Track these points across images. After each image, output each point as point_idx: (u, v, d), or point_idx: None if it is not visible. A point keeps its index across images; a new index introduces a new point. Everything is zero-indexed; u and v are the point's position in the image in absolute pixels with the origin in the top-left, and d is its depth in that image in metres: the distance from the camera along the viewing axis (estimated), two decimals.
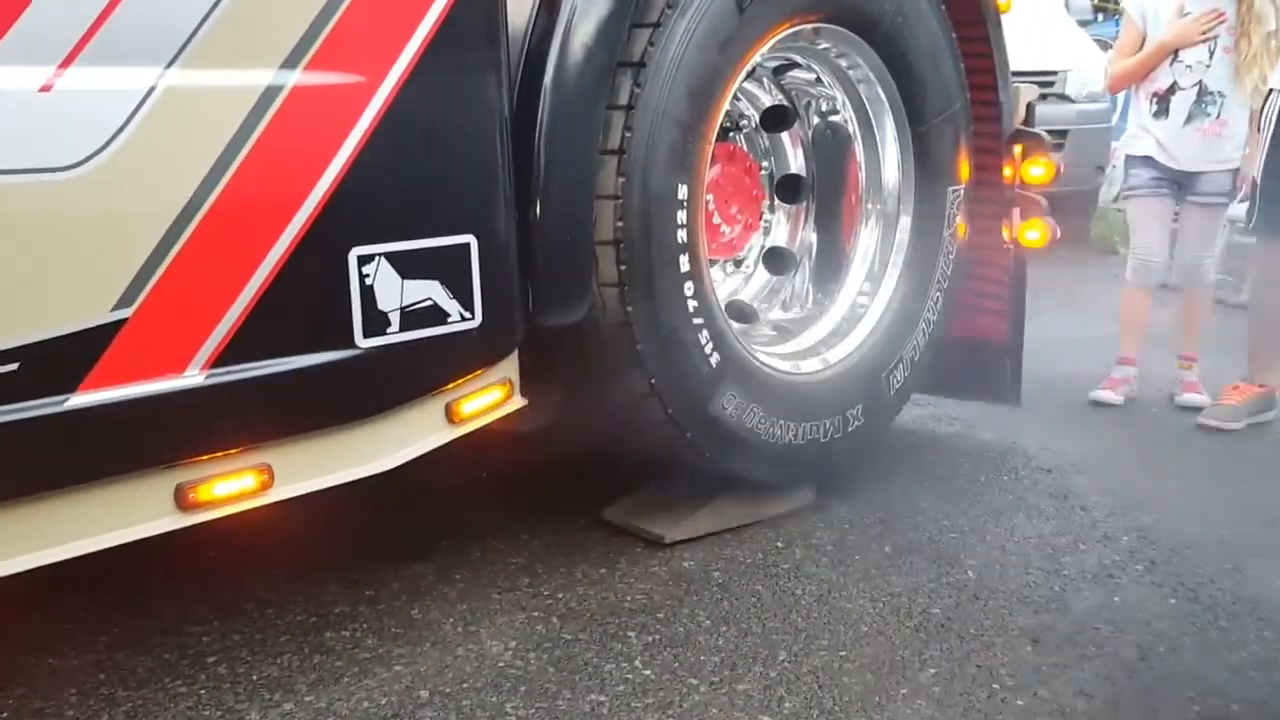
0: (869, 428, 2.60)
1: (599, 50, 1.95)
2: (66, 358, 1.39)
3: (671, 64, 2.06)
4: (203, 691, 1.73)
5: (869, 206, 2.67)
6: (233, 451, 1.58)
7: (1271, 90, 3.31)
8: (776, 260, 2.84)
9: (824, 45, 2.49)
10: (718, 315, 2.27)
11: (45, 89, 1.33)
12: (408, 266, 1.71)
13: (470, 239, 1.79)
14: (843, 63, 2.55)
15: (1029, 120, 3.03)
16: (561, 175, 1.94)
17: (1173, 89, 3.58)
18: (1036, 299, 3.13)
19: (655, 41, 2.05)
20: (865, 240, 2.68)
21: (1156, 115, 3.61)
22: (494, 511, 2.43)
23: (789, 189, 2.84)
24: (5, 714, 1.65)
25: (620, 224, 2.05)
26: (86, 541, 1.44)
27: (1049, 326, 3.79)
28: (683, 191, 2.13)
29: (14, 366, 1.34)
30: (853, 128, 2.65)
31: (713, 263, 2.61)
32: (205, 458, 1.54)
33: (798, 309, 2.73)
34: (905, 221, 2.66)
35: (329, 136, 1.59)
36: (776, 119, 2.76)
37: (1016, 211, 2.95)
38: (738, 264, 2.85)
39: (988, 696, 1.75)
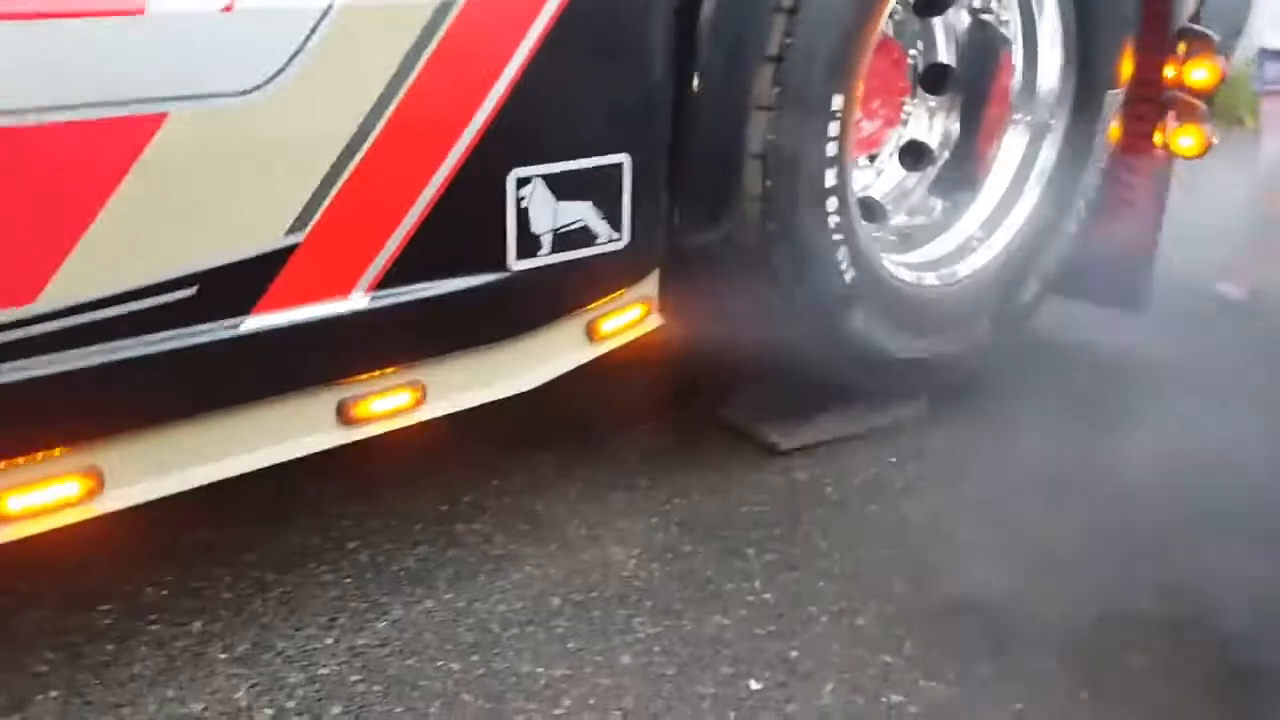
0: (995, 340, 2.56)
1: None
2: (242, 282, 1.40)
3: None
4: (348, 580, 1.83)
5: (1018, 115, 2.52)
6: (390, 370, 1.60)
7: None
8: (913, 154, 2.73)
9: None
10: (857, 230, 2.21)
11: (227, 8, 1.29)
12: (563, 188, 1.68)
13: (625, 158, 1.74)
14: None
15: (1199, 15, 2.81)
16: (720, 86, 1.86)
17: None
18: None
19: None
20: (1009, 148, 2.55)
21: None
22: (612, 405, 2.44)
23: (934, 79, 2.69)
24: (165, 590, 1.76)
25: (770, 137, 1.97)
26: (259, 455, 1.50)
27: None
28: (837, 102, 2.03)
29: (193, 290, 1.36)
30: (1013, 25, 2.48)
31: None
32: (365, 376, 1.57)
33: (927, 216, 2.63)
34: (1057, 130, 2.52)
35: (497, 53, 1.53)
36: (931, 2, 2.59)
37: (1172, 115, 2.77)
38: (871, 158, 2.74)
39: (1117, 649, 1.77)
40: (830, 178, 2.08)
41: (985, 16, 2.55)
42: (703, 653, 1.71)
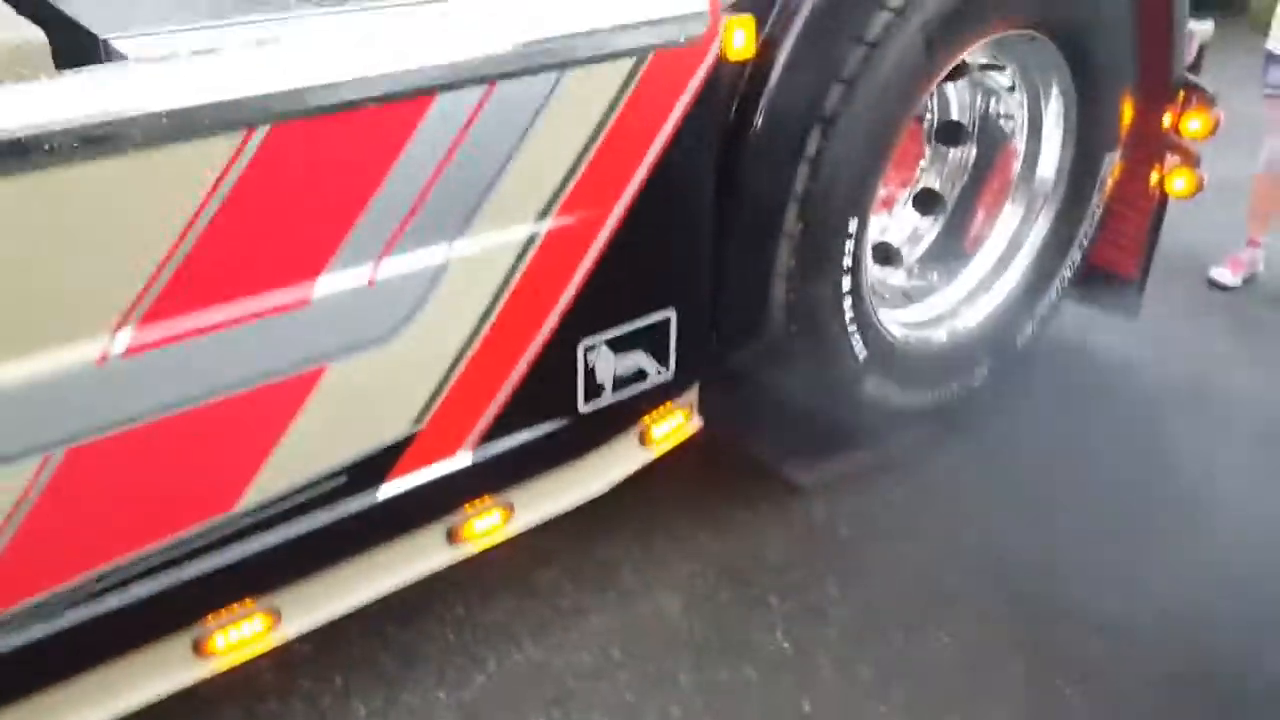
0: (995, 381, 2.92)
1: (799, 114, 2.13)
2: (378, 464, 1.80)
3: (854, 118, 2.21)
4: (450, 635, 2.28)
5: (1018, 191, 2.81)
6: (485, 500, 2.01)
7: None
8: (926, 201, 3.02)
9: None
10: (871, 316, 2.55)
11: (371, 284, 1.65)
12: (621, 345, 2.05)
13: (671, 312, 2.09)
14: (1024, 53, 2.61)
15: (1198, 64, 3.03)
16: (753, 234, 2.19)
17: None
18: None
19: (846, 97, 2.19)
20: (1008, 218, 2.84)
21: None
22: None
23: (948, 133, 2.96)
24: (310, 645, 2.22)
25: (794, 259, 2.30)
26: (392, 579, 1.93)
27: None
28: (852, 225, 2.35)
29: (345, 477, 1.77)
30: (1020, 116, 2.74)
31: None
32: (468, 509, 1.99)
33: (930, 277, 2.92)
34: (1054, 200, 2.81)
35: (570, 264, 1.87)
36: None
37: (1169, 158, 3.03)
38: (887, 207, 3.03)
39: (1058, 701, 2.21)
40: (846, 283, 2.42)
41: (993, 105, 2.80)
42: (734, 706, 2.16)
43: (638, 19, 1.78)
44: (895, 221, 3.04)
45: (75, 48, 1.57)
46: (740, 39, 1.96)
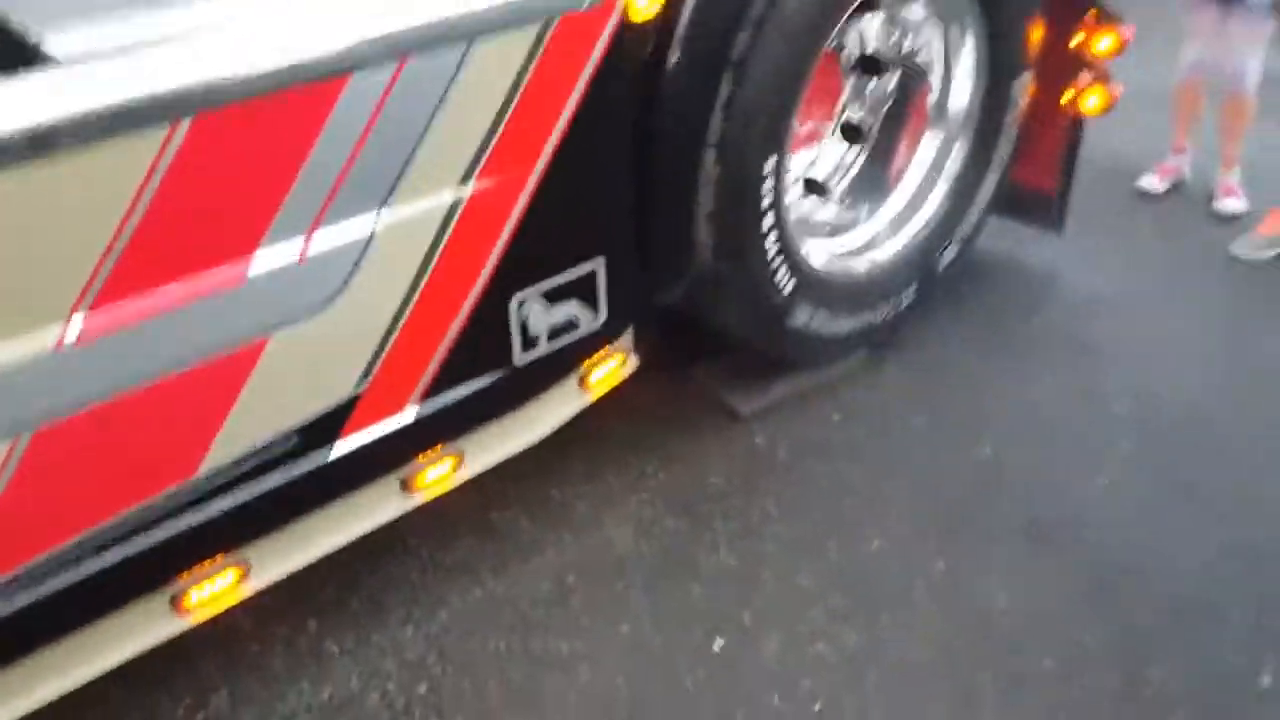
0: (920, 301, 3.07)
1: (708, 63, 2.23)
2: (330, 423, 1.94)
3: (762, 61, 2.32)
4: (414, 576, 2.44)
5: (934, 124, 2.93)
6: (435, 450, 2.15)
7: None
8: (850, 133, 3.14)
9: None
10: (794, 250, 2.68)
11: (302, 260, 1.77)
12: (552, 296, 2.17)
13: (599, 262, 2.22)
14: None
15: None
16: (673, 172, 2.30)
17: None
18: None
19: (753, 41, 2.29)
20: (926, 146, 2.96)
21: None
22: None
23: (867, 66, 3.06)
24: (284, 594, 2.37)
25: (716, 201, 2.42)
26: (349, 530, 2.08)
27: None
28: (770, 165, 2.47)
29: (300, 437, 1.90)
30: (932, 51, 2.85)
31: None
32: (420, 459, 2.13)
33: (855, 208, 3.05)
34: (969, 126, 2.93)
35: (495, 225, 1.99)
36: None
37: (1082, 76, 3.15)
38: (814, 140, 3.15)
39: (984, 596, 2.40)
40: (768, 220, 2.55)
41: (907, 37, 2.90)
42: (680, 620, 2.34)
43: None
44: (823, 154, 3.15)
45: (7, 48, 1.66)
46: (647, 2, 2.05)
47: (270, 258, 1.73)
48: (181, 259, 1.64)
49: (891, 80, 3.02)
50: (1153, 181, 4.11)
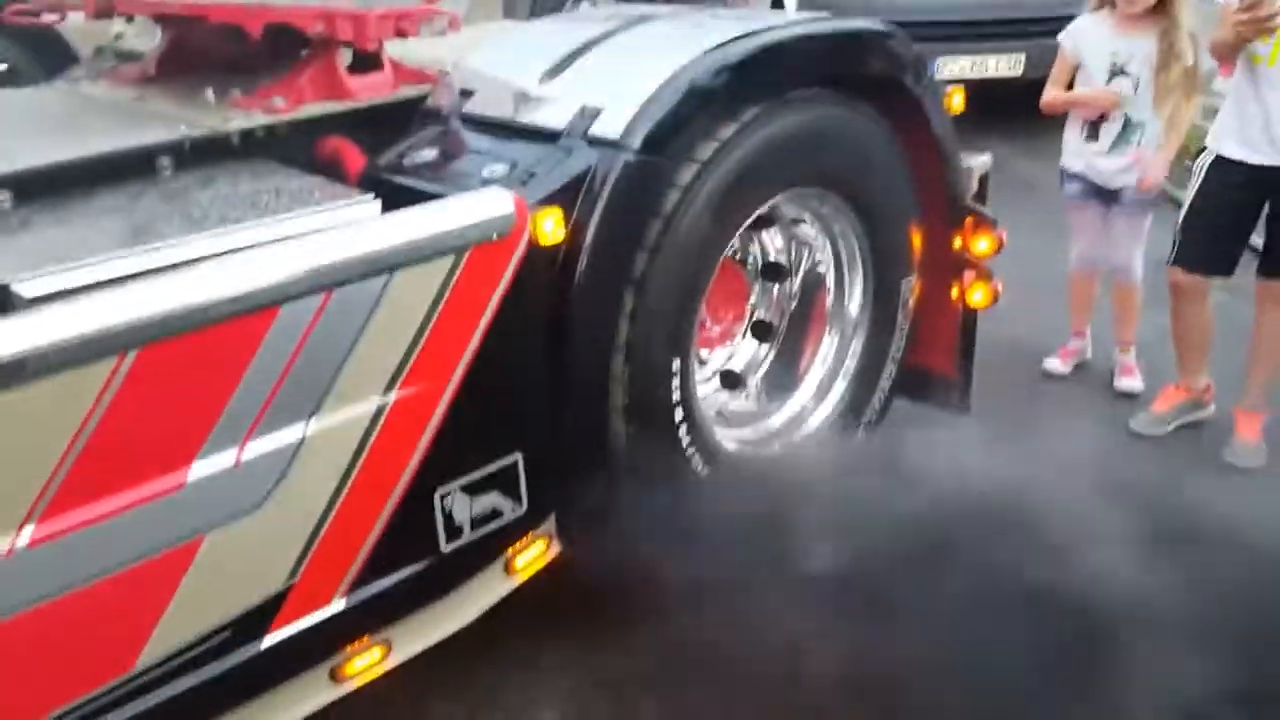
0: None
1: (612, 279, 2.52)
2: (258, 617, 2.09)
3: (661, 276, 2.61)
4: None
5: (833, 322, 3.24)
6: (364, 639, 2.30)
7: (1205, 148, 3.76)
8: (761, 331, 3.43)
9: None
10: (707, 437, 2.91)
11: (237, 465, 1.97)
12: (474, 489, 2.38)
13: (517, 456, 2.44)
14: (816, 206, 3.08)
15: (983, 193, 3.52)
16: (584, 377, 2.55)
17: (1101, 119, 4.05)
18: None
19: (651, 261, 2.59)
20: (827, 344, 3.26)
21: (1088, 139, 4.08)
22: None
23: (770, 272, 3.39)
24: None
25: (627, 398, 2.67)
26: (282, 718, 2.20)
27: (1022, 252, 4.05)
28: (675, 365, 2.73)
29: (229, 633, 2.05)
30: (826, 260, 3.19)
31: (701, 360, 3.24)
32: (348, 648, 2.27)
33: (769, 399, 3.32)
34: (863, 328, 3.24)
35: (417, 428, 2.22)
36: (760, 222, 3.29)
37: (966, 275, 3.49)
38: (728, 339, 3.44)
39: None
40: (678, 414, 2.79)
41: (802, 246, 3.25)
42: None
43: (451, 226, 2.17)
44: (737, 351, 3.44)
45: None
46: (550, 226, 2.35)
47: (207, 466, 1.94)
48: (125, 471, 1.85)
49: (794, 284, 3.34)
50: (1056, 364, 4.43)
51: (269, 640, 2.12)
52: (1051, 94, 4.18)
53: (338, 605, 2.22)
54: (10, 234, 2.16)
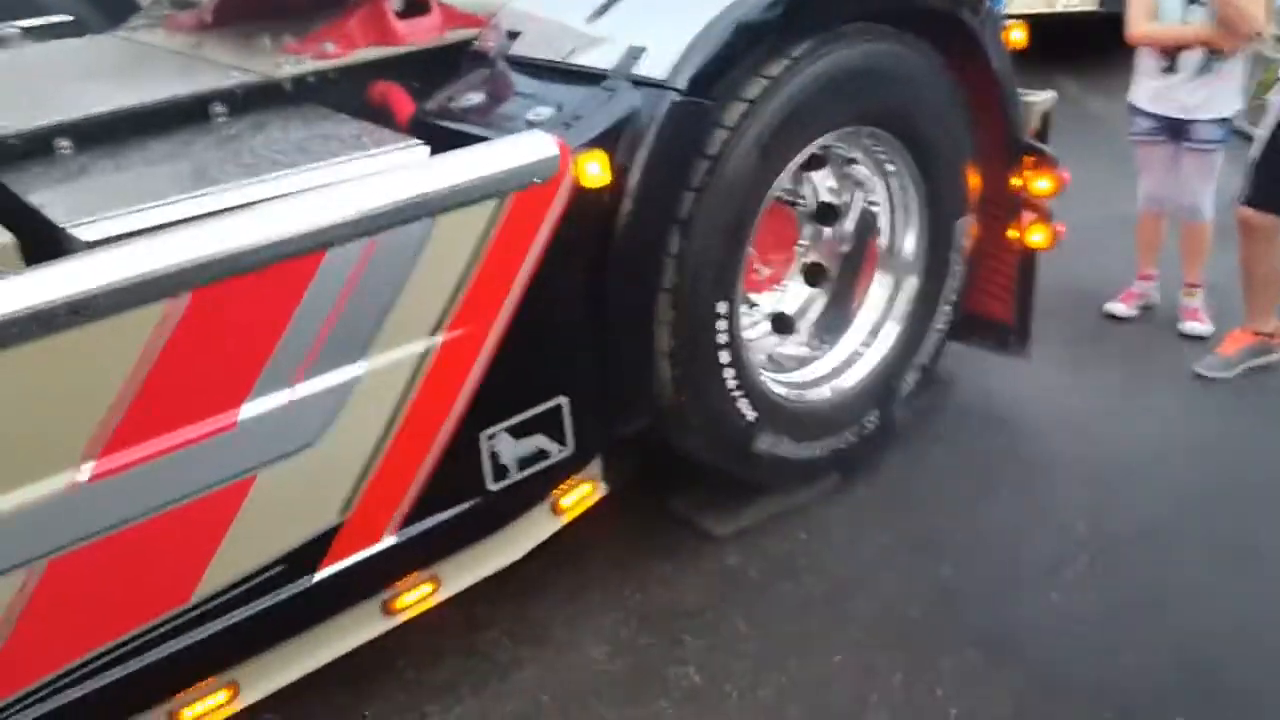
0: (885, 426, 3.27)
1: (657, 221, 2.52)
2: (312, 552, 2.16)
3: (707, 218, 2.60)
4: (400, 695, 2.62)
5: (885, 264, 3.20)
6: (413, 575, 2.37)
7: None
8: (813, 274, 3.40)
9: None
10: (754, 380, 2.91)
11: (288, 404, 2.03)
12: (520, 431, 2.42)
13: (562, 399, 2.47)
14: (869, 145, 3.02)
15: (1044, 132, 3.42)
16: (630, 325, 2.56)
17: (1179, 49, 3.89)
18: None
19: (698, 201, 2.58)
20: (879, 286, 3.22)
21: (1166, 71, 3.93)
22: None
23: (823, 214, 3.35)
24: None
25: (673, 341, 2.67)
26: (333, 648, 2.28)
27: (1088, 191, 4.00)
28: (722, 307, 2.72)
29: (283, 567, 2.13)
30: (878, 198, 3.14)
31: (752, 303, 3.23)
32: (399, 583, 2.34)
33: (819, 342, 3.29)
34: (917, 265, 3.19)
35: (463, 370, 2.26)
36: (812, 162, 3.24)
37: (1024, 216, 3.41)
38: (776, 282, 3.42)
39: (936, 709, 2.53)
40: (725, 356, 2.79)
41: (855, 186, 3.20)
42: None
43: (493, 170, 2.18)
44: (788, 294, 3.42)
45: (39, 235, 1.98)
46: (594, 169, 2.35)
47: (259, 405, 2.00)
48: (181, 409, 1.91)
49: (846, 226, 3.29)
50: (1120, 307, 4.32)
51: (321, 574, 2.20)
52: (1143, 28, 4.00)
53: (388, 541, 2.28)
54: (70, 180, 2.22)
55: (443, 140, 2.41)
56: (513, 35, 2.79)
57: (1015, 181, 3.33)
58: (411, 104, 2.72)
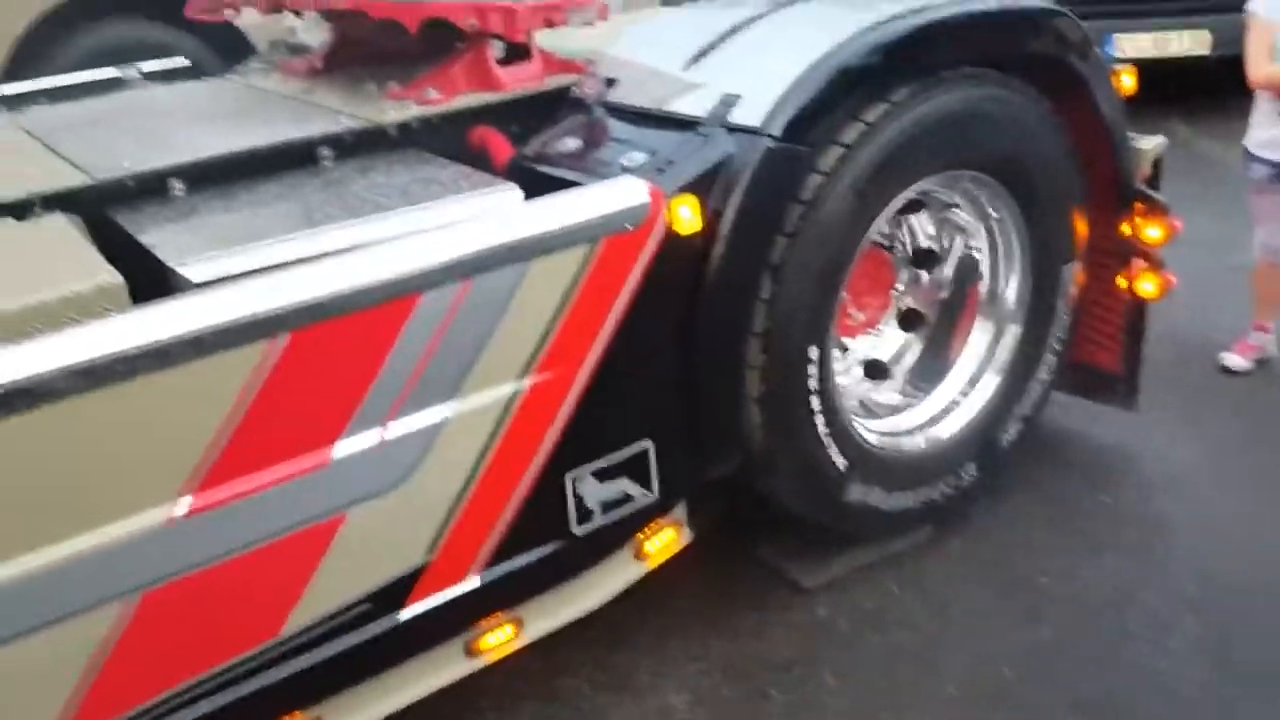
0: (983, 478, 3.17)
1: (749, 266, 2.50)
2: (398, 590, 2.18)
3: (801, 260, 2.57)
4: None
5: (987, 310, 3.11)
6: (497, 616, 2.37)
7: None
8: (909, 320, 3.33)
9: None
10: (846, 427, 2.85)
11: (379, 445, 2.06)
12: (605, 475, 2.41)
13: (648, 443, 2.45)
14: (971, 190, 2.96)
15: (1155, 178, 3.31)
16: (719, 369, 2.54)
17: None
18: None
19: (790, 247, 2.55)
20: (979, 333, 3.14)
21: None
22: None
23: (921, 258, 3.28)
24: None
25: (763, 386, 2.64)
26: (417, 689, 2.29)
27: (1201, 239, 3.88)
28: (813, 353, 2.68)
29: (369, 605, 2.15)
30: (979, 244, 3.07)
31: (844, 348, 3.18)
32: (482, 624, 2.34)
33: (915, 390, 3.22)
34: (1021, 312, 3.10)
35: (550, 412, 2.26)
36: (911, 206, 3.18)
37: (1134, 264, 3.29)
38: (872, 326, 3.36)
39: None
40: (815, 401, 2.74)
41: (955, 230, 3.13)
42: None
43: (586, 216, 2.20)
44: (883, 340, 3.35)
45: (147, 274, 2.06)
46: (686, 214, 2.35)
47: (351, 445, 2.03)
48: (276, 448, 1.95)
49: (945, 271, 3.22)
50: (1234, 359, 4.12)
51: (406, 613, 2.22)
52: (1265, 70, 3.85)
53: (473, 582, 2.29)
54: (180, 220, 2.31)
55: (539, 185, 2.44)
56: (609, 82, 2.81)
57: (1125, 228, 3.23)
58: (510, 149, 2.76)
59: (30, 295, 1.82)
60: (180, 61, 3.83)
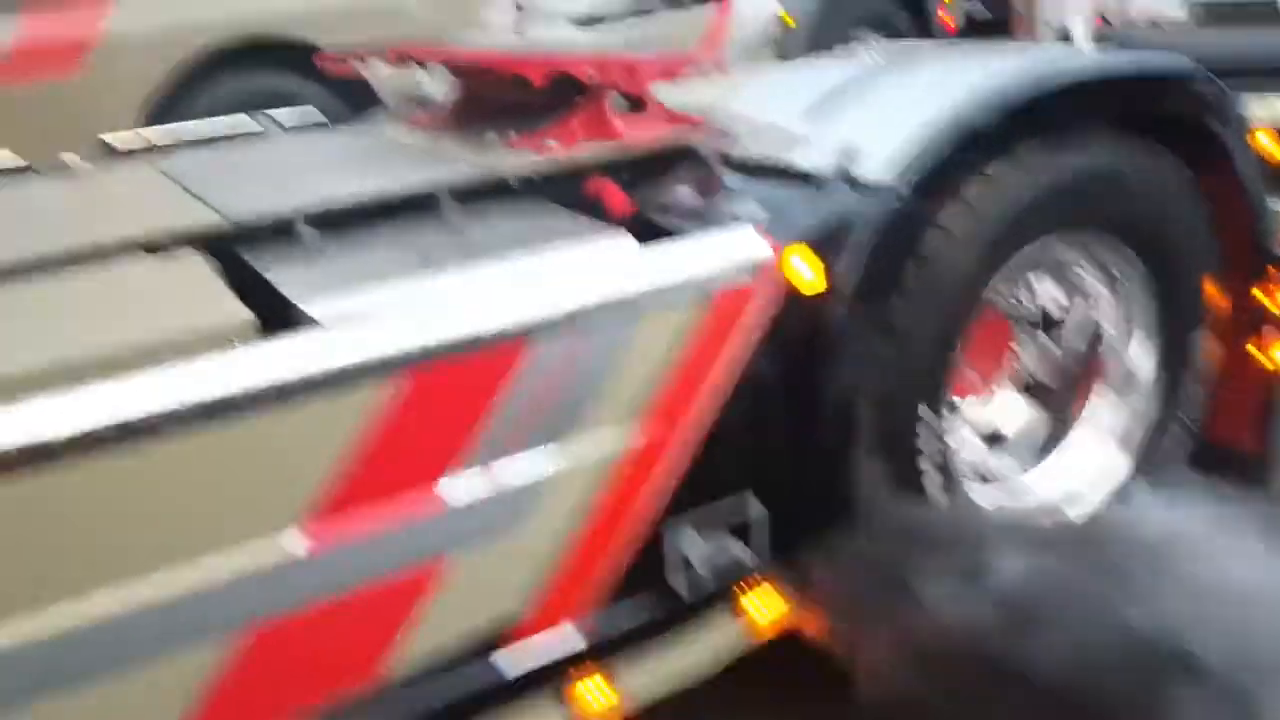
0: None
1: (863, 323, 2.46)
2: (496, 637, 2.17)
3: (916, 319, 2.51)
4: None
5: (1109, 374, 3.00)
6: (593, 669, 2.33)
7: None
8: (1026, 383, 3.22)
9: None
10: (958, 491, 2.76)
11: (487, 490, 2.07)
12: (707, 531, 2.37)
13: (753, 500, 2.41)
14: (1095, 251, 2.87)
15: None
16: (828, 428, 2.49)
17: None
18: None
19: (907, 303, 2.50)
20: (1099, 404, 3.01)
21: None
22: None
23: (1042, 320, 3.17)
24: None
25: (873, 446, 2.57)
26: None
27: None
28: (926, 413, 2.61)
29: (466, 651, 2.14)
30: (1101, 308, 2.96)
31: (959, 410, 3.08)
32: (576, 676, 2.31)
33: (1031, 458, 3.10)
34: (1143, 386, 2.97)
35: (654, 464, 2.25)
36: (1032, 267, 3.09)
37: (1266, 333, 3.13)
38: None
39: None
40: (925, 464, 2.66)
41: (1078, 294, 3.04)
42: None
43: (701, 268, 2.19)
44: (999, 403, 3.24)
45: (273, 310, 2.12)
46: (801, 268, 2.33)
47: (459, 489, 2.04)
48: (389, 487, 1.98)
49: (1064, 335, 3.11)
50: None
51: (503, 661, 2.20)
52: None
53: (569, 632, 2.26)
54: (306, 260, 2.38)
55: (653, 236, 2.44)
56: (725, 134, 2.82)
57: (1259, 295, 3.08)
58: (625, 200, 2.77)
59: (163, 328, 1.89)
60: (312, 111, 3.98)
